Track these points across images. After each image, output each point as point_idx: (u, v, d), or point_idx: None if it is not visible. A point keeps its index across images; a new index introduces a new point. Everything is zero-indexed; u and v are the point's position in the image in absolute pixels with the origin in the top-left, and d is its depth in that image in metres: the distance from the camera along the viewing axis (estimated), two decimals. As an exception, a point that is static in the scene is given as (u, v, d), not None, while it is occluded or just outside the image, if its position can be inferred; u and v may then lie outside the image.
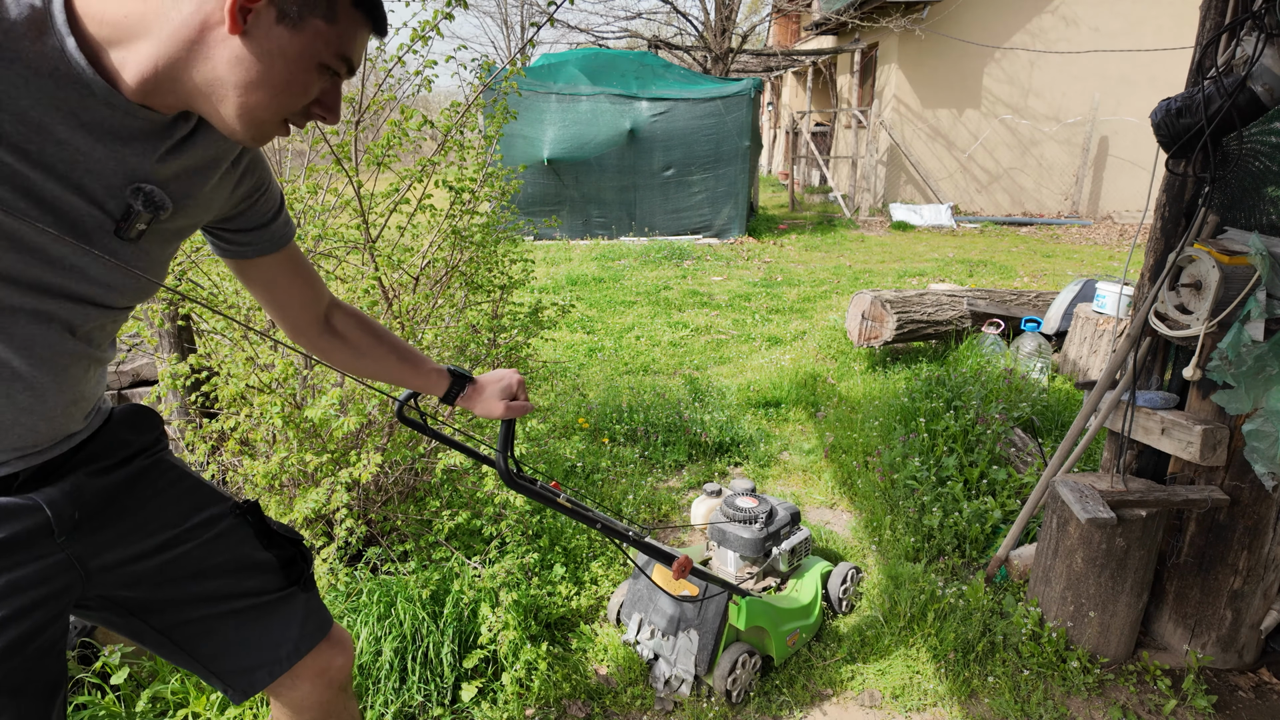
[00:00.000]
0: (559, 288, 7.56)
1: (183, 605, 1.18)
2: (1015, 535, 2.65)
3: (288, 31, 0.86)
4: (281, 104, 0.91)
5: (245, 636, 1.23)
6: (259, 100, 0.89)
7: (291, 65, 0.88)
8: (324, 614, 1.35)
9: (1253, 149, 2.07)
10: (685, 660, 2.13)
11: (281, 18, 0.85)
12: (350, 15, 0.90)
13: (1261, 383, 2.03)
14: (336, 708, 1.39)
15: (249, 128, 0.92)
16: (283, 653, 1.26)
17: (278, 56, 0.87)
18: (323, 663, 1.32)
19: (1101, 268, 8.88)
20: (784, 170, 17.72)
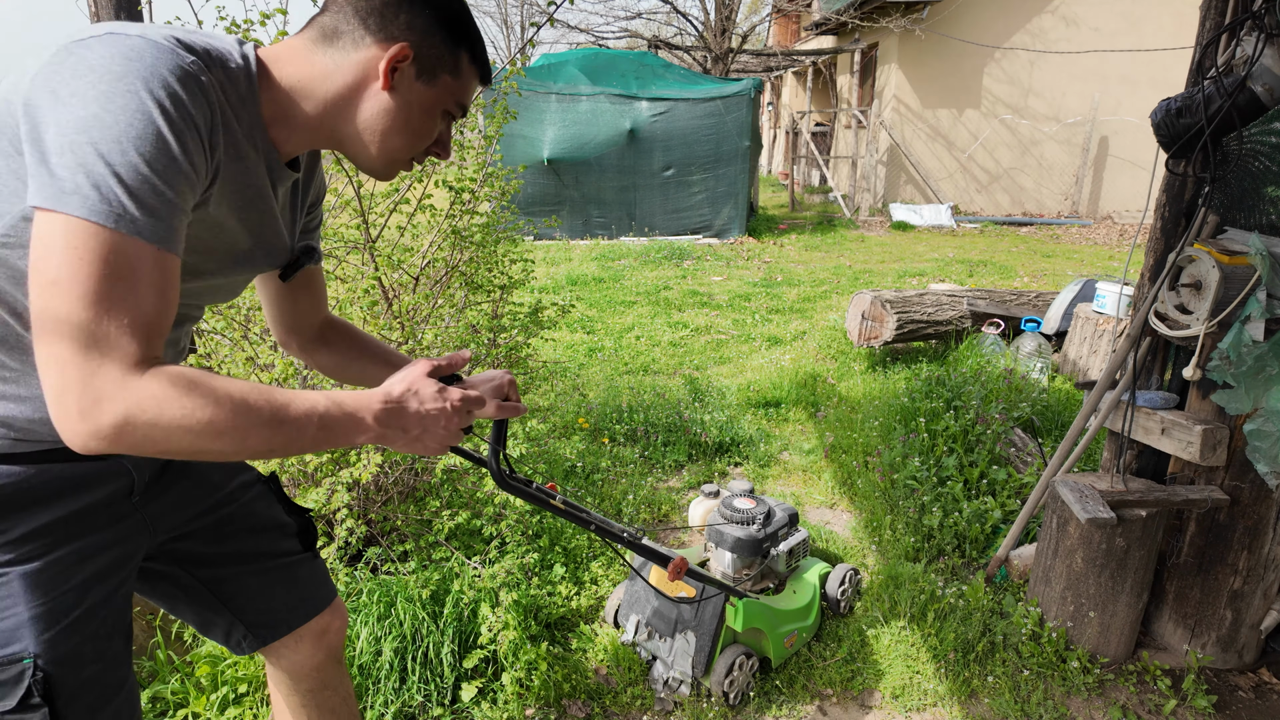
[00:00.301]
0: (559, 288, 7.56)
1: (227, 561, 1.30)
2: (1015, 535, 2.65)
3: (423, 86, 1.05)
4: (413, 145, 1.09)
5: (273, 592, 1.36)
6: (398, 143, 1.07)
7: (425, 113, 1.07)
8: (330, 582, 1.49)
9: (1253, 149, 2.07)
10: (683, 662, 2.13)
11: (420, 74, 1.04)
12: (469, 70, 1.10)
13: (1262, 383, 2.03)
14: (332, 678, 1.49)
15: (387, 166, 1.10)
16: (299, 611, 1.40)
17: (415, 106, 1.05)
18: (323, 624, 1.44)
19: (1101, 268, 8.88)
20: (784, 170, 17.72)
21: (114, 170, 0.77)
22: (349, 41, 1.01)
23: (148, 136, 0.79)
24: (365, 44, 1.00)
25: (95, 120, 0.77)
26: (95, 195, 0.77)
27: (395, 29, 1.00)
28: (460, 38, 1.06)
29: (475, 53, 1.09)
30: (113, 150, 0.77)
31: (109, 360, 0.78)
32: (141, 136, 0.79)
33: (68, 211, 0.76)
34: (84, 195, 0.76)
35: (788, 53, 16.16)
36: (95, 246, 0.77)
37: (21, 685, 0.96)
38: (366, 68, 1.01)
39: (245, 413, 0.86)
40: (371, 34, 1.00)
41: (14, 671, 0.96)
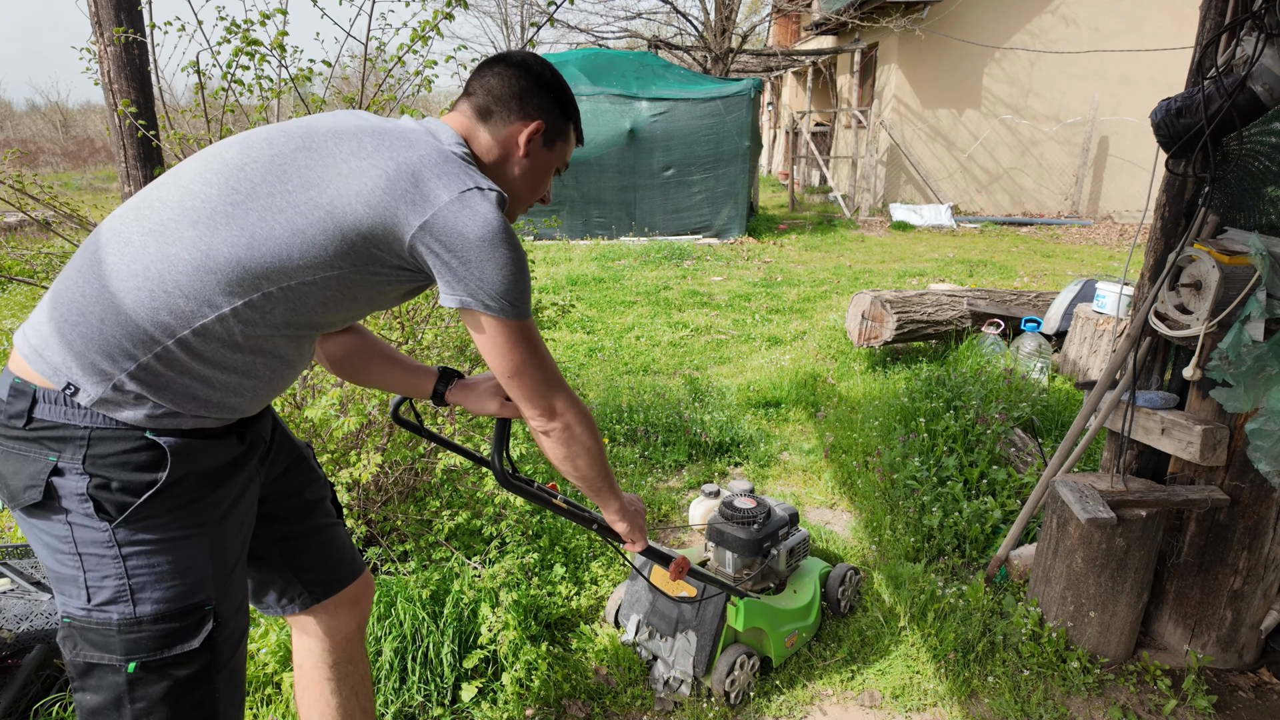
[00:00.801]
0: (559, 288, 7.56)
1: (294, 519, 1.47)
2: (1015, 535, 2.65)
3: (547, 152, 1.36)
4: (535, 197, 1.41)
5: (325, 551, 1.52)
6: (529, 195, 1.39)
7: (546, 172, 1.39)
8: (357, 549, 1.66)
9: (1253, 149, 2.07)
10: (684, 661, 2.13)
11: (545, 143, 1.35)
12: (572, 135, 1.41)
13: (1262, 382, 2.03)
14: (355, 652, 1.62)
15: (517, 213, 1.39)
16: (344, 571, 1.55)
17: (541, 168, 1.37)
18: (359, 590, 1.59)
19: (1101, 268, 8.88)
20: (784, 170, 17.72)
21: (520, 290, 1.18)
22: (499, 120, 1.31)
23: (522, 262, 1.18)
24: (510, 121, 1.31)
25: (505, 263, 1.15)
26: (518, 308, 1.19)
27: (531, 109, 1.31)
28: (570, 112, 1.38)
29: (577, 123, 1.41)
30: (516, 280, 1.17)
31: (560, 392, 1.30)
32: (522, 263, 1.18)
33: (506, 318, 1.18)
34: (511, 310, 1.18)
35: (788, 53, 16.15)
36: (521, 331, 1.21)
37: (204, 628, 1.17)
38: (511, 140, 1.31)
39: (603, 455, 1.41)
40: (515, 114, 1.31)
41: (198, 617, 1.17)
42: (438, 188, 1.12)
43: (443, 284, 1.16)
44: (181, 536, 1.15)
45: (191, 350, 1.10)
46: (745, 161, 10.78)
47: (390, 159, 1.13)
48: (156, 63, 2.64)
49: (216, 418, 1.18)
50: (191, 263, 1.08)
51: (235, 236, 1.09)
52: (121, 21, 2.58)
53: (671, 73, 11.35)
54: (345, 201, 1.10)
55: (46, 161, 22.39)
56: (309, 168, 1.12)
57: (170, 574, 1.14)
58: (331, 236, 1.11)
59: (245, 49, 2.27)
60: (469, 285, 1.14)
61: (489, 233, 1.12)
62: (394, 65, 2.59)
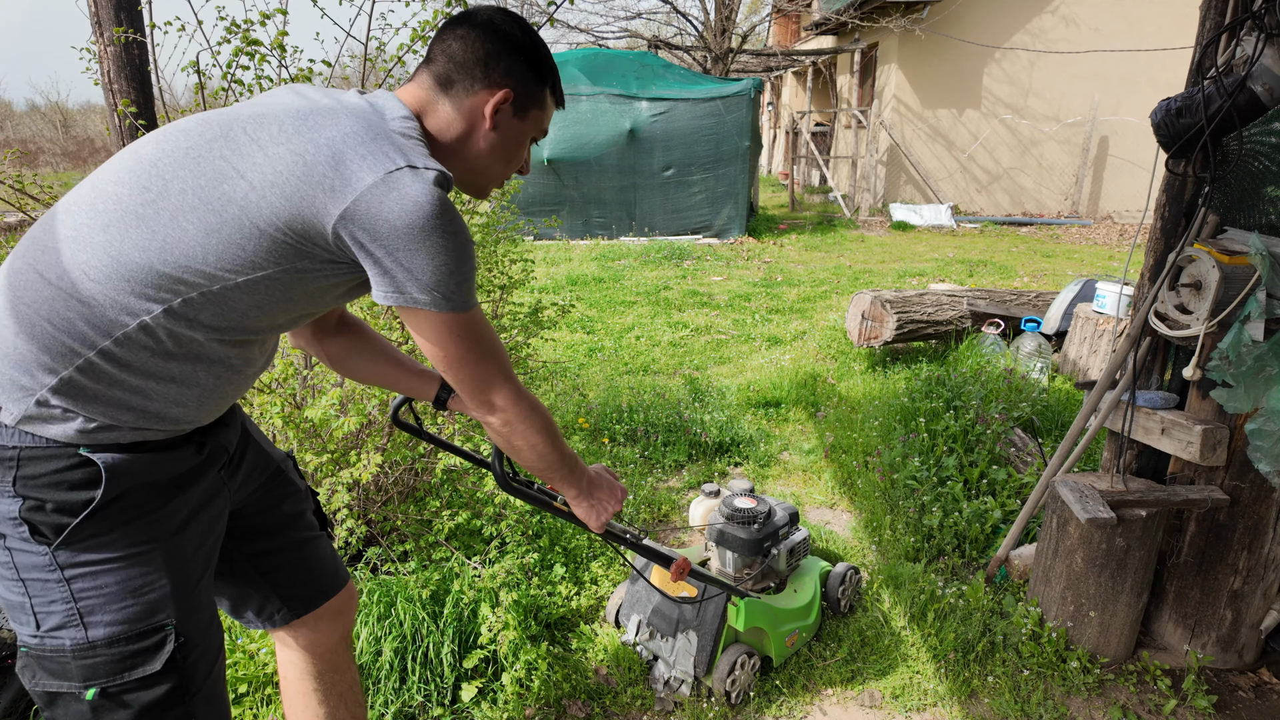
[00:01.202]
0: (559, 288, 7.56)
1: (271, 532, 1.41)
2: (1015, 535, 2.65)
3: (518, 121, 1.23)
4: (509, 170, 1.29)
5: (306, 565, 1.47)
6: (498, 170, 1.27)
7: (519, 143, 1.26)
8: (341, 560, 1.60)
9: (1253, 149, 2.07)
10: (684, 661, 2.13)
11: (516, 112, 1.22)
12: (549, 101, 1.27)
13: (1262, 382, 2.03)
14: (342, 662, 1.56)
15: (487, 189, 1.30)
16: (325, 585, 1.50)
17: (512, 139, 1.24)
18: (341, 603, 1.53)
19: (1101, 268, 8.88)
20: (784, 170, 17.72)
21: (457, 281, 1.07)
22: (461, 89, 1.18)
23: (464, 248, 1.07)
24: (474, 90, 1.18)
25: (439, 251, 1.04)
26: (456, 299, 1.08)
27: (498, 76, 1.18)
28: (546, 75, 1.24)
29: (555, 88, 1.27)
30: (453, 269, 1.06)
31: (503, 387, 1.20)
32: (462, 250, 1.07)
33: (442, 311, 1.07)
34: (448, 302, 1.08)
35: (788, 53, 16.15)
36: (461, 325, 1.11)
37: (165, 650, 1.10)
38: (476, 111, 1.19)
39: (554, 443, 1.30)
40: (479, 82, 1.18)
41: (158, 638, 1.10)
42: (360, 169, 1.01)
43: (372, 278, 1.05)
44: (131, 554, 1.08)
45: (116, 360, 1.03)
46: (745, 161, 10.78)
47: (309, 141, 1.02)
48: (156, 63, 2.64)
49: (160, 429, 1.10)
50: (103, 269, 1.00)
51: (146, 239, 1.00)
52: (121, 21, 2.58)
53: (671, 73, 11.35)
54: (260, 194, 1.00)
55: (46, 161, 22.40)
56: (224, 159, 1.02)
57: (121, 594, 1.07)
58: (249, 234, 1.01)
59: (245, 49, 2.27)
60: (396, 279, 1.04)
61: (419, 218, 1.01)
62: (394, 65, 2.59)
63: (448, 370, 1.15)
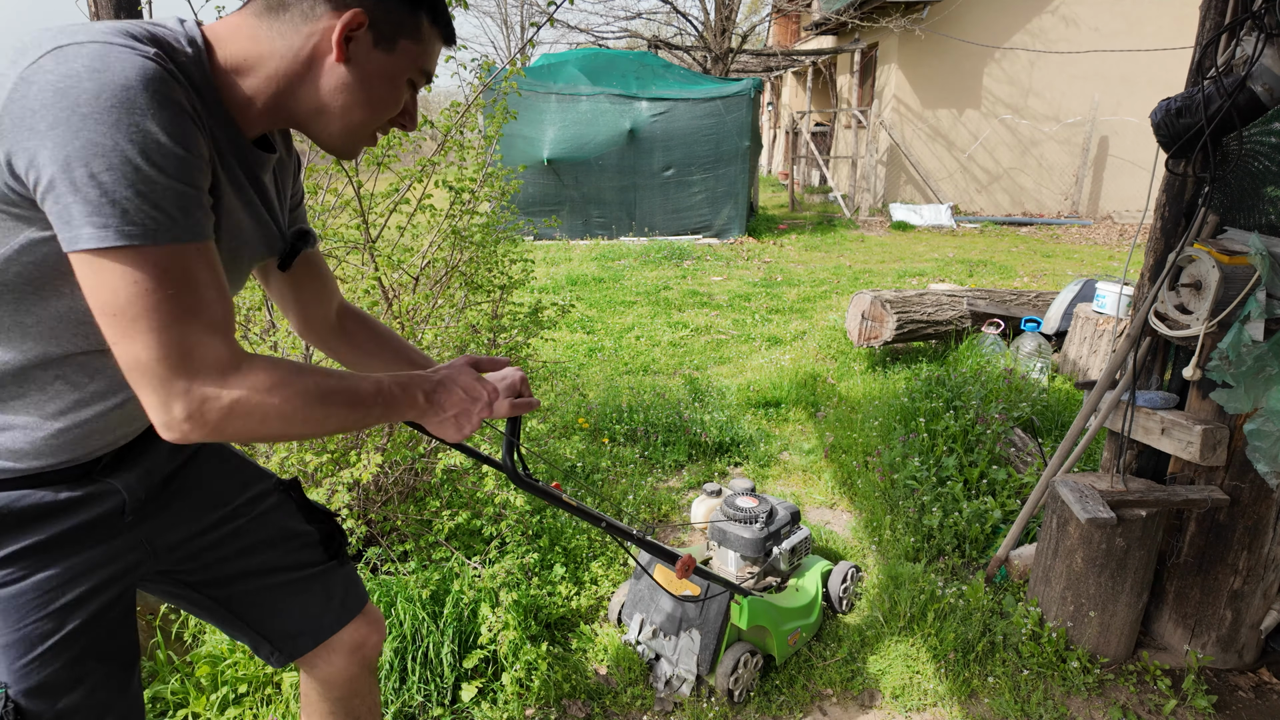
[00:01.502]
0: (559, 288, 7.56)
1: (238, 578, 1.26)
2: (1015, 535, 2.65)
3: (382, 54, 0.97)
4: (376, 118, 1.02)
5: (292, 605, 1.32)
6: (360, 117, 1.00)
7: (387, 83, 1.00)
8: (361, 589, 1.43)
9: (1253, 149, 2.07)
10: (687, 660, 2.13)
11: (378, 42, 0.96)
12: (431, 32, 1.01)
13: (1261, 382, 2.03)
14: (362, 687, 1.46)
15: (349, 143, 1.04)
16: (325, 622, 1.35)
17: (375, 77, 0.98)
18: (359, 637, 1.40)
19: (1101, 268, 8.88)
20: (784, 170, 17.72)
21: (130, 189, 0.75)
22: (298, 13, 0.93)
23: (147, 142, 0.76)
24: (316, 14, 0.93)
25: (91, 147, 0.73)
26: (121, 219, 0.75)
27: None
28: (420, 1, 0.98)
29: (436, 13, 1.01)
30: (119, 171, 0.75)
31: (204, 367, 0.83)
32: (142, 145, 0.76)
33: (104, 245, 0.75)
34: (113, 226, 0.75)
35: (788, 53, 16.15)
36: (146, 267, 0.77)
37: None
38: (319, 39, 0.94)
39: (329, 398, 0.94)
40: (321, 3, 0.92)
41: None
42: (17, 63, 0.76)
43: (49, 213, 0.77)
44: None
45: None
46: (745, 161, 10.78)
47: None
48: (156, 63, 2.63)
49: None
50: None
51: None
52: (121, 21, 2.58)
53: (671, 73, 11.35)
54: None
55: (46, 161, 22.36)
56: None
57: None
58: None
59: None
60: (54, 189, 0.74)
61: (67, 86, 0.73)
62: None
63: (119, 341, 0.80)
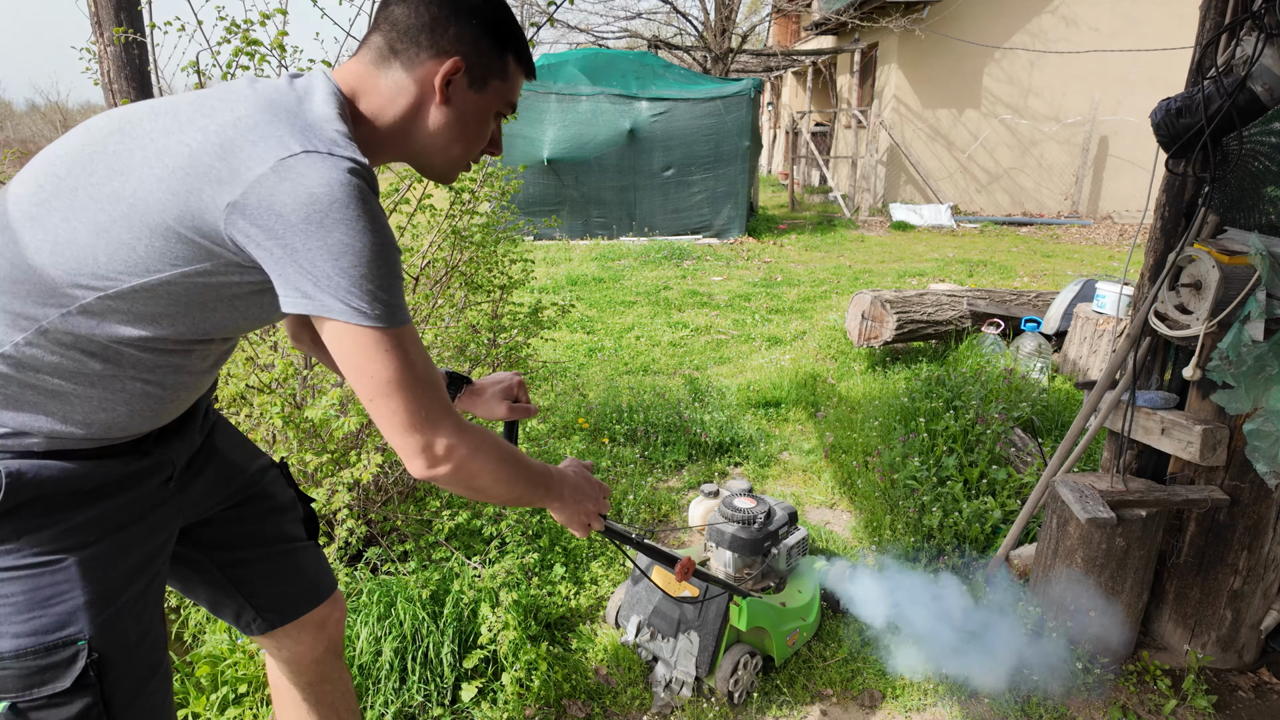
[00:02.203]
0: (559, 288, 7.56)
1: (245, 543, 1.36)
2: (1015, 535, 2.65)
3: (475, 94, 1.09)
4: (472, 150, 1.15)
5: (284, 576, 1.41)
6: (460, 150, 1.13)
7: (480, 119, 1.12)
8: (331, 572, 1.53)
9: (1253, 149, 2.07)
10: (686, 662, 2.13)
11: (472, 84, 1.08)
12: (515, 71, 1.13)
13: (1261, 382, 2.03)
14: (331, 672, 1.51)
15: (451, 172, 1.17)
16: (308, 596, 1.44)
17: (470, 115, 1.10)
18: (323, 615, 1.47)
19: (1101, 268, 8.88)
20: (784, 170, 17.72)
21: (379, 285, 0.93)
22: (405, 60, 1.05)
23: (382, 247, 0.93)
24: (420, 61, 1.05)
25: (346, 250, 0.91)
26: (379, 309, 0.94)
27: (446, 43, 1.04)
28: (505, 42, 1.09)
29: (520, 54, 1.12)
30: (369, 272, 0.92)
31: (446, 420, 1.01)
32: (381, 249, 0.93)
33: (363, 324, 0.93)
34: (370, 313, 0.93)
35: (788, 53, 16.16)
36: (388, 343, 0.95)
37: (76, 666, 1.02)
38: (424, 84, 1.06)
39: (517, 468, 1.13)
40: (425, 50, 1.04)
41: (69, 653, 1.01)
42: (251, 156, 0.90)
43: (274, 281, 0.93)
44: (41, 563, 1.01)
45: (21, 365, 0.96)
46: (745, 161, 10.78)
47: (199, 129, 0.93)
48: (156, 63, 2.64)
49: (86, 436, 1.03)
50: (1, 272, 0.95)
51: (39, 240, 0.94)
52: (121, 21, 2.58)
53: (671, 73, 11.35)
54: (149, 190, 0.92)
55: (46, 161, 22.39)
56: (117, 154, 0.95)
57: (29, 604, 1.00)
58: (139, 234, 0.93)
59: (245, 49, 2.27)
60: (300, 281, 0.91)
61: (318, 209, 0.88)
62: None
63: (371, 402, 0.98)
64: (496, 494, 1.12)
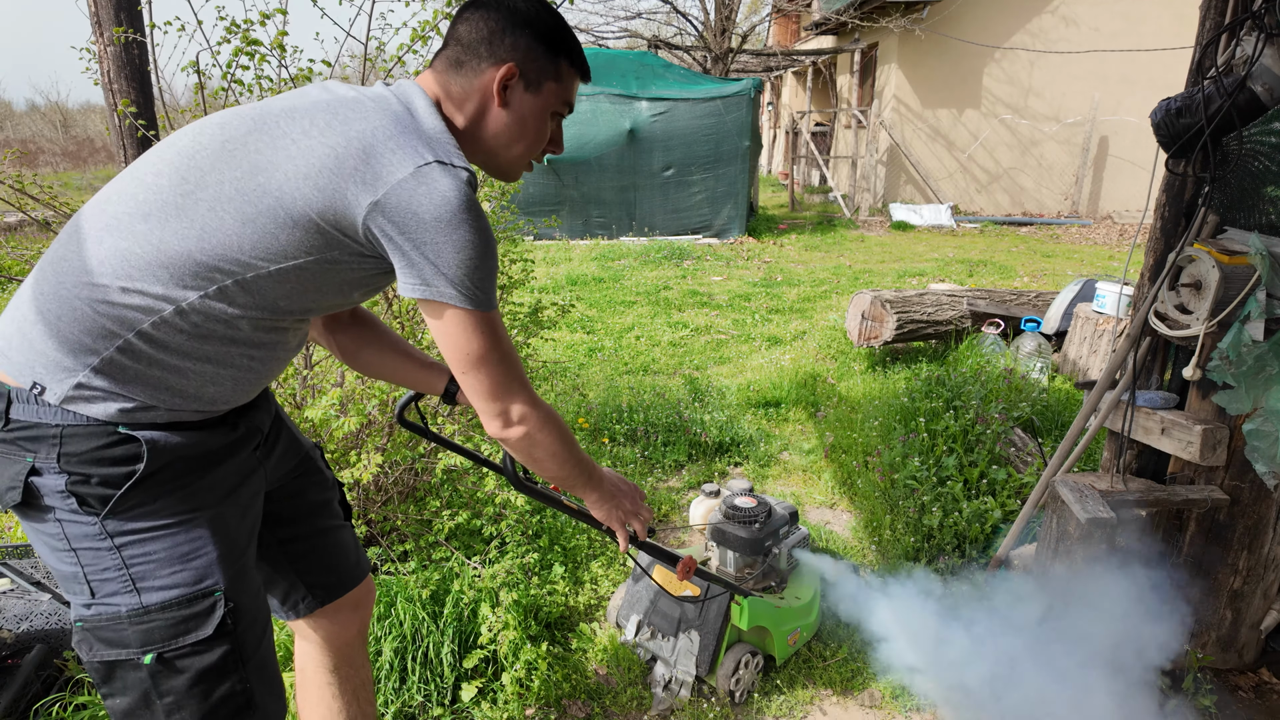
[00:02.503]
0: (559, 288, 7.56)
1: (300, 519, 1.45)
2: (1015, 535, 2.65)
3: (532, 96, 1.22)
4: (532, 149, 1.27)
5: (330, 554, 1.50)
6: (521, 150, 1.26)
7: (537, 119, 1.24)
8: (364, 551, 1.63)
9: (1253, 149, 2.07)
10: (686, 661, 2.13)
11: (528, 87, 1.21)
12: (569, 74, 1.25)
13: (1261, 382, 2.03)
14: (356, 657, 1.58)
15: (513, 171, 1.30)
16: (350, 574, 1.54)
17: (528, 116, 1.23)
18: (362, 594, 1.56)
19: (1101, 268, 8.88)
20: (784, 170, 17.72)
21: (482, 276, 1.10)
22: (470, 69, 1.19)
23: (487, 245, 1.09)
24: (482, 69, 1.19)
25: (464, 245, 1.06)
26: (480, 295, 1.11)
27: (503, 52, 1.18)
28: (559, 48, 1.22)
29: (574, 58, 1.25)
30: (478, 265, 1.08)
31: (522, 393, 1.20)
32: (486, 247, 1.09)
33: (465, 307, 1.10)
34: (473, 297, 1.10)
35: (788, 53, 16.15)
36: (484, 323, 1.12)
37: (216, 615, 1.13)
38: (485, 90, 1.19)
39: (573, 450, 1.30)
40: (485, 60, 1.18)
41: (209, 603, 1.13)
42: (391, 163, 1.04)
43: (398, 270, 1.09)
44: (177, 522, 1.12)
45: (155, 342, 1.07)
46: (745, 161, 10.78)
47: (341, 134, 1.06)
48: (156, 63, 2.64)
49: (196, 409, 1.14)
50: (144, 257, 1.05)
51: (186, 229, 1.05)
52: (121, 21, 2.58)
53: (671, 73, 11.35)
54: (294, 185, 1.04)
55: (46, 161, 22.40)
56: (259, 151, 1.06)
57: (170, 560, 1.11)
58: (283, 224, 1.05)
59: (245, 49, 2.27)
60: (424, 271, 1.07)
61: (448, 212, 1.04)
62: (394, 65, 2.59)
63: (466, 373, 1.15)
64: (550, 468, 1.28)
